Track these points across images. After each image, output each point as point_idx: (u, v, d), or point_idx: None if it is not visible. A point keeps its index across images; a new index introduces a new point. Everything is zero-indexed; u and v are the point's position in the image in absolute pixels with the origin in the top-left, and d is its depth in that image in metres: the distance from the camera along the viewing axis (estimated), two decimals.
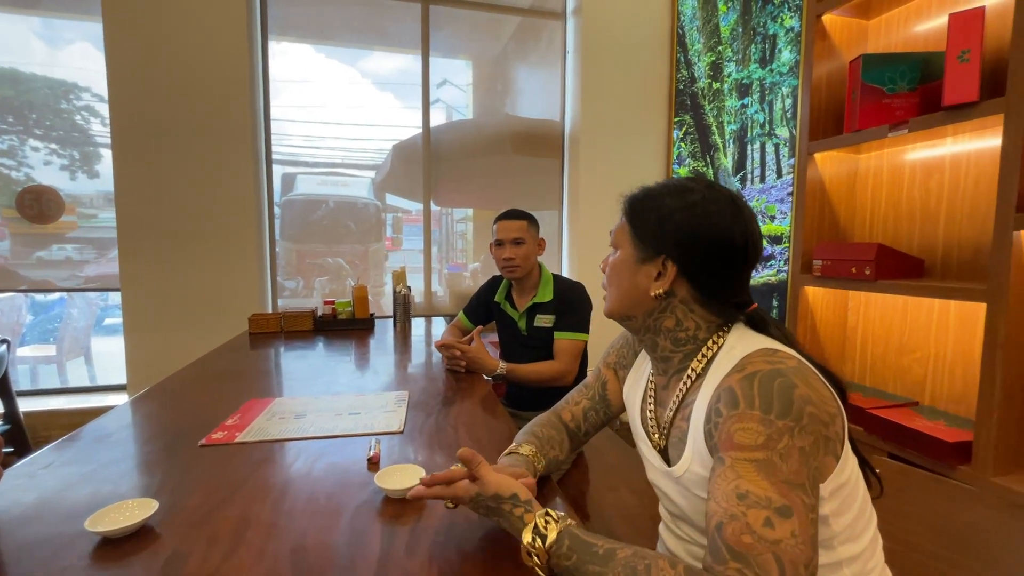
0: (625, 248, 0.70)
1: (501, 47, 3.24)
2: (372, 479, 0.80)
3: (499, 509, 0.60)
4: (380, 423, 1.06)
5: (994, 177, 1.41)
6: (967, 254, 1.50)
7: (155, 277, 2.49)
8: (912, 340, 1.63)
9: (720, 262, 0.64)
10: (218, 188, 2.52)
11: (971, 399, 1.46)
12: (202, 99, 2.47)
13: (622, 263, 0.70)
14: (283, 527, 0.68)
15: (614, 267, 0.71)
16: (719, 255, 0.64)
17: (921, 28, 1.61)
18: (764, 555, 0.45)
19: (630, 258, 0.69)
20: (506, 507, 0.59)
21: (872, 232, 1.76)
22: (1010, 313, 1.20)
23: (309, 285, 3.03)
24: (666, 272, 0.66)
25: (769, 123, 2.13)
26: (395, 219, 3.32)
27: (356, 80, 3.01)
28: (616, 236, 0.73)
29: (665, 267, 0.66)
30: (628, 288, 0.69)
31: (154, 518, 0.69)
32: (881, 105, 1.54)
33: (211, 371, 1.51)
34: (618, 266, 0.71)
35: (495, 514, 0.61)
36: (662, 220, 0.66)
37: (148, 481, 0.82)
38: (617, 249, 0.72)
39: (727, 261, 0.64)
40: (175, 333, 2.51)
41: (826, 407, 0.53)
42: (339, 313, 2.21)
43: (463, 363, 1.46)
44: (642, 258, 0.67)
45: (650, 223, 0.67)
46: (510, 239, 1.57)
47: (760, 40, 2.17)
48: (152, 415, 1.13)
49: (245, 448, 0.95)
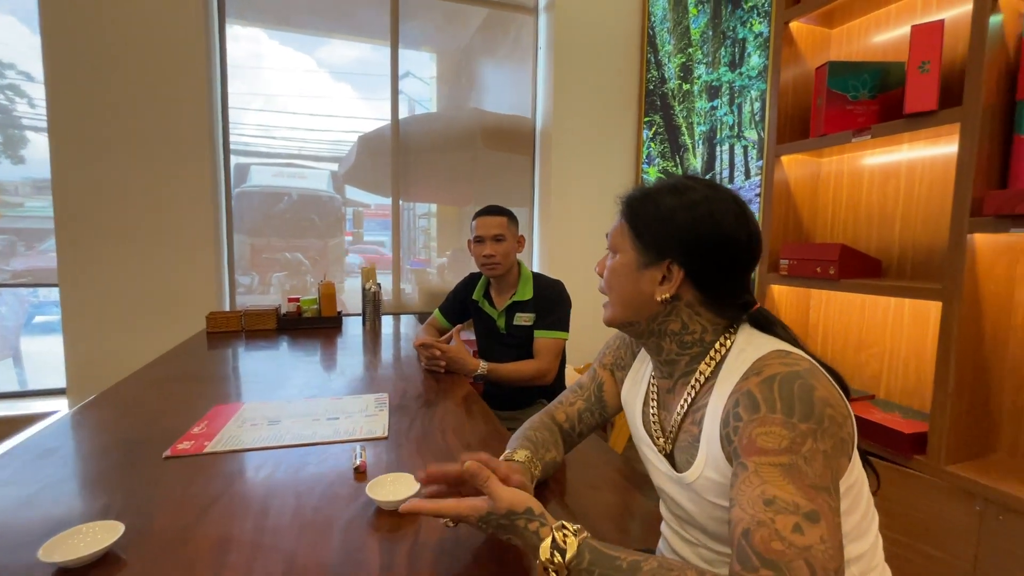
0: (626, 252, 0.67)
1: (467, 40, 3.18)
2: (362, 490, 0.76)
3: (513, 526, 0.56)
4: (362, 428, 1.01)
5: (947, 183, 1.50)
6: (921, 255, 1.58)
7: (98, 272, 2.30)
8: (869, 337, 1.72)
9: (726, 263, 0.63)
10: (170, 177, 2.35)
11: (924, 392, 1.56)
12: (152, 81, 2.29)
13: (623, 268, 0.67)
14: (269, 546, 0.63)
15: (615, 272, 0.68)
16: (725, 255, 0.63)
17: (880, 39, 1.69)
18: (796, 562, 0.44)
19: (632, 262, 0.66)
20: (520, 523, 0.56)
21: (833, 233, 1.84)
22: (963, 311, 1.28)
23: (265, 281, 2.89)
24: (672, 276, 0.64)
25: (738, 125, 2.19)
26: (356, 213, 3.21)
27: (312, 69, 2.88)
28: (614, 239, 0.70)
29: (670, 271, 0.64)
30: (632, 294, 0.67)
31: (120, 543, 0.62)
32: (845, 111, 1.61)
33: (168, 374, 1.40)
34: (619, 271, 0.68)
35: (507, 531, 0.57)
36: (665, 222, 0.64)
37: (108, 501, 0.74)
38: (616, 253, 0.69)
39: (733, 261, 0.64)
40: (122, 333, 2.33)
41: (841, 408, 0.54)
42: (304, 311, 2.12)
43: (443, 363, 1.42)
44: (645, 262, 0.65)
45: (652, 225, 0.65)
46: (490, 236, 1.53)
47: (730, 44, 2.22)
48: (104, 425, 1.04)
49: (216, 459, 0.88)
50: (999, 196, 1.19)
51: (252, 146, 2.76)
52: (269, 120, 2.77)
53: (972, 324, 1.30)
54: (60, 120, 2.20)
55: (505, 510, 0.56)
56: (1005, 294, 1.33)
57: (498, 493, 0.57)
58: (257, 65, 2.69)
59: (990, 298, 1.31)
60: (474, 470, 0.58)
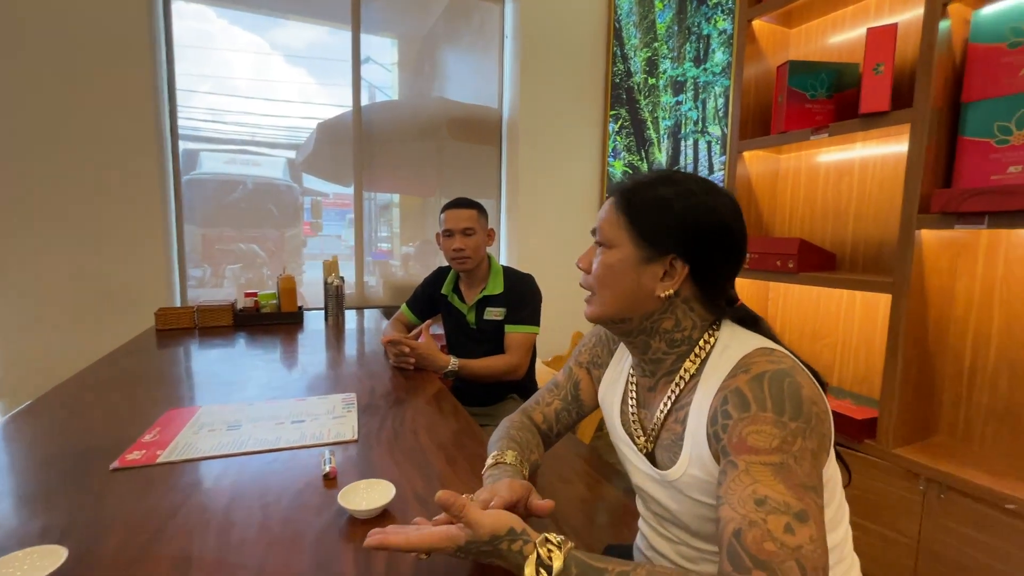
0: (623, 247, 0.64)
1: (428, 27, 3.10)
2: (333, 498, 0.72)
3: (496, 551, 0.53)
4: (330, 432, 0.97)
5: (896, 180, 1.58)
6: (872, 249, 1.66)
7: (31, 265, 2.12)
8: (823, 327, 1.80)
9: (725, 257, 0.63)
10: (112, 163, 2.19)
11: (873, 380, 1.65)
12: (92, 60, 2.11)
13: (621, 263, 0.64)
14: (235, 564, 0.59)
15: (610, 268, 0.65)
16: (725, 248, 0.62)
17: (836, 40, 1.75)
18: (787, 562, 0.45)
19: (631, 257, 0.63)
20: (503, 546, 0.53)
21: (791, 228, 1.91)
22: (911, 303, 1.35)
23: (218, 274, 2.75)
24: (674, 272, 0.62)
25: (702, 121, 2.23)
26: (314, 203, 3.09)
27: (265, 51, 2.73)
28: (607, 232, 0.66)
29: (673, 266, 0.62)
30: (630, 290, 0.64)
31: (62, 569, 0.56)
32: (804, 109, 1.66)
33: (113, 377, 1.31)
34: (616, 266, 0.64)
35: (490, 556, 0.54)
36: (666, 215, 0.61)
37: (48, 521, 0.68)
38: (610, 247, 0.65)
39: (731, 254, 0.63)
40: (60, 331, 2.16)
41: (824, 406, 0.55)
42: (262, 306, 2.02)
43: (412, 360, 1.38)
44: (647, 257, 0.63)
45: (653, 219, 0.62)
46: (460, 229, 1.50)
47: (695, 40, 2.25)
48: (41, 434, 0.95)
49: (171, 469, 0.82)
50: (944, 194, 1.26)
51: (201, 131, 2.59)
52: (219, 104, 2.61)
53: (918, 316, 1.37)
54: None
55: (488, 536, 0.53)
56: (947, 287, 1.42)
57: (477, 520, 0.54)
58: (205, 45, 2.52)
59: (935, 291, 1.39)
60: (446, 500, 0.54)
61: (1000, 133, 1.23)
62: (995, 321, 1.35)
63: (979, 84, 1.27)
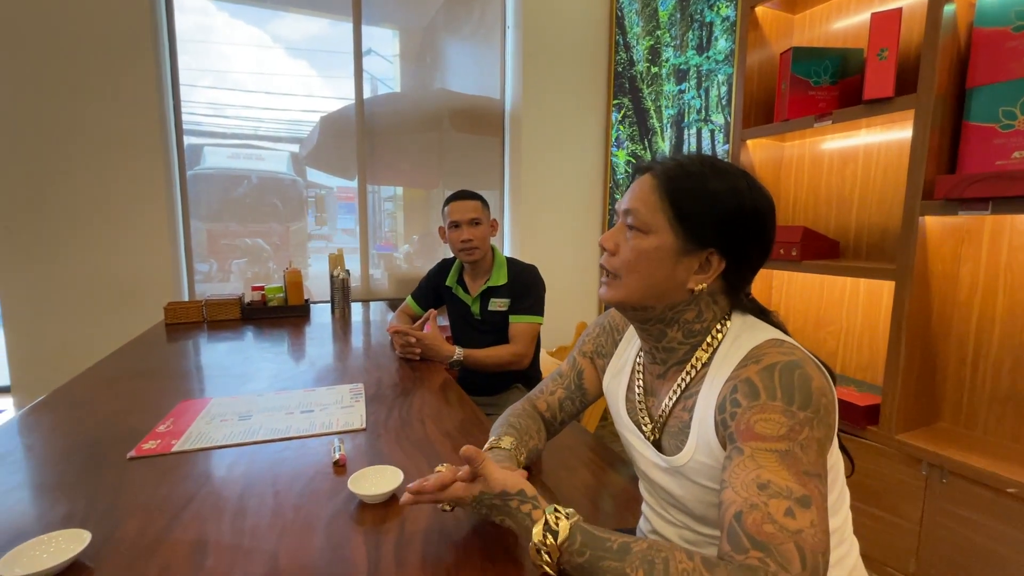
0: (661, 234, 0.61)
1: (430, 17, 3.08)
2: (343, 485, 0.74)
3: (506, 507, 0.57)
4: (339, 421, 0.99)
5: (900, 167, 1.57)
6: (875, 236, 1.66)
7: (42, 261, 2.15)
8: (827, 315, 1.80)
9: (759, 254, 0.62)
10: (118, 159, 2.21)
11: (876, 367, 1.65)
12: (96, 56, 2.13)
13: (657, 252, 0.61)
14: (249, 548, 0.61)
15: (643, 254, 0.61)
16: (761, 247, 0.62)
17: (840, 25, 1.73)
18: (786, 544, 0.46)
19: (668, 247, 0.61)
20: (513, 503, 0.57)
21: (795, 216, 1.90)
22: (914, 290, 1.35)
23: (224, 268, 2.77)
24: (709, 266, 0.61)
25: (705, 109, 2.22)
26: (318, 197, 3.11)
27: (266, 44, 2.73)
28: (644, 215, 0.61)
29: (709, 261, 0.61)
30: (661, 280, 0.61)
31: (87, 552, 0.59)
32: (807, 96, 1.65)
33: (126, 370, 1.33)
34: (650, 254, 0.61)
35: (500, 512, 0.58)
36: (715, 210, 0.59)
37: (71, 508, 0.70)
38: (646, 232, 0.61)
39: (765, 253, 0.62)
40: (72, 327, 2.20)
41: (832, 397, 0.56)
42: (269, 300, 2.05)
43: (417, 350, 1.40)
44: (685, 249, 0.60)
45: (698, 211, 0.60)
46: (467, 220, 1.51)
47: (697, 27, 2.23)
48: (60, 426, 0.98)
49: (186, 458, 0.85)
50: (949, 180, 1.26)
51: (204, 126, 2.60)
52: (222, 98, 2.62)
53: (922, 302, 1.38)
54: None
55: (499, 490, 0.57)
56: (951, 273, 1.42)
57: (492, 474, 0.58)
58: (206, 39, 2.52)
59: (938, 278, 1.39)
60: (471, 453, 0.59)
61: (1005, 118, 1.22)
62: (999, 307, 1.35)
63: (984, 69, 1.26)
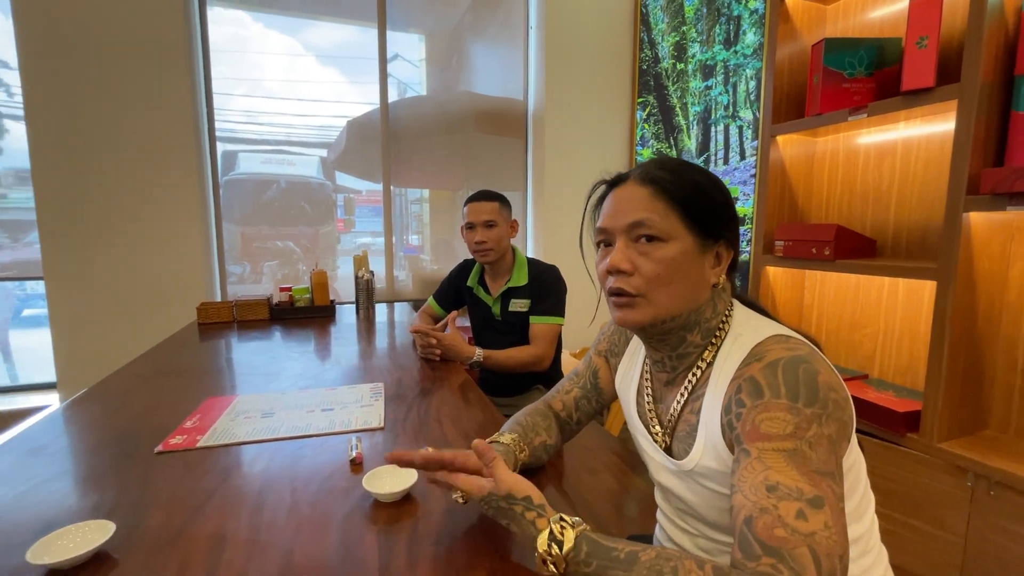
0: (681, 238, 0.59)
1: (455, 21, 3.11)
2: (359, 482, 0.75)
3: (510, 511, 0.57)
4: (358, 419, 1.00)
5: (942, 161, 1.49)
6: (916, 234, 1.58)
7: (85, 264, 2.26)
8: (863, 316, 1.72)
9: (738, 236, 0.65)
10: (155, 165, 2.30)
11: (916, 371, 1.57)
12: (133, 66, 2.23)
13: (684, 255, 0.59)
14: (265, 544, 0.62)
15: (671, 263, 0.59)
16: (738, 229, 0.65)
17: (876, 14, 1.66)
18: (799, 548, 0.43)
19: (691, 248, 0.60)
20: (518, 509, 0.56)
21: (828, 214, 1.83)
22: (958, 290, 1.28)
23: (257, 270, 2.86)
24: (723, 258, 0.62)
25: (733, 105, 2.16)
26: (346, 200, 3.17)
27: (298, 52, 2.81)
28: (659, 224, 0.59)
29: (720, 253, 0.62)
30: (691, 283, 0.60)
31: (111, 543, 0.61)
32: (841, 89, 1.59)
33: (159, 367, 1.38)
34: (679, 260, 0.59)
35: (505, 516, 0.58)
36: (711, 200, 0.61)
37: (99, 499, 0.73)
38: (666, 239, 0.59)
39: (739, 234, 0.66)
40: (111, 325, 2.30)
41: (843, 392, 0.53)
42: (296, 300, 2.09)
43: (438, 351, 1.41)
44: (704, 246, 0.61)
45: (701, 205, 0.60)
46: (481, 222, 1.51)
47: (724, 21, 2.18)
48: (95, 420, 1.02)
49: (210, 453, 0.87)
50: (996, 174, 1.18)
51: (238, 133, 2.70)
52: (255, 106, 2.70)
53: (966, 303, 1.30)
54: (37, 108, 2.14)
55: (505, 492, 0.57)
56: (999, 273, 1.33)
57: (500, 476, 0.58)
58: (240, 49, 2.61)
59: (985, 277, 1.31)
60: (483, 449, 0.60)
61: None
62: None
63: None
